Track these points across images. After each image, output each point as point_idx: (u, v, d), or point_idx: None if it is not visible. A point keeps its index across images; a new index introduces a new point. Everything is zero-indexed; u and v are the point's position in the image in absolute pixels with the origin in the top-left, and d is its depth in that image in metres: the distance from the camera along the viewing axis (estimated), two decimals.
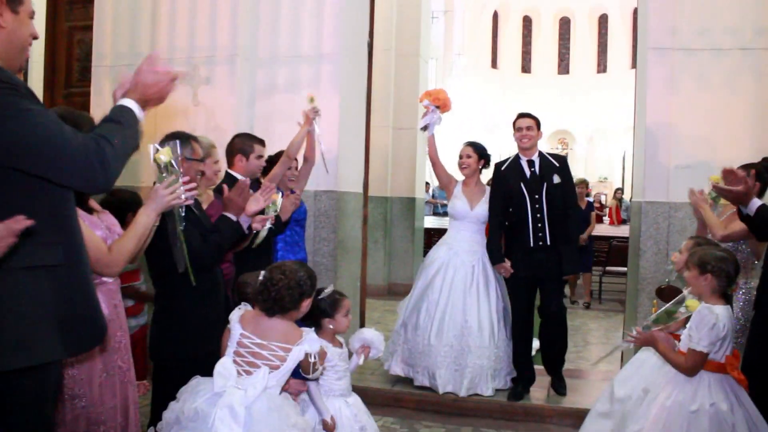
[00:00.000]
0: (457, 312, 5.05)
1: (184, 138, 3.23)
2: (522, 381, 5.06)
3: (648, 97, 4.90)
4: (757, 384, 3.64)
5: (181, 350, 3.13)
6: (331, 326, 3.35)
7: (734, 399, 3.06)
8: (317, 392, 3.22)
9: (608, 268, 9.89)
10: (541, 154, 5.12)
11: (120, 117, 2.16)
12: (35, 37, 2.18)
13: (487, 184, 5.44)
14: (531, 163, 5.07)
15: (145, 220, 2.73)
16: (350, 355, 3.55)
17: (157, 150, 2.78)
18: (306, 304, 2.98)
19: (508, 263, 5.02)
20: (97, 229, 2.77)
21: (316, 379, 3.16)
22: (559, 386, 5.14)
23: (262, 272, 2.99)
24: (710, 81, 4.78)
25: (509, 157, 5.23)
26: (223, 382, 2.73)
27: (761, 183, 3.97)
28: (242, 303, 3.09)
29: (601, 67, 28.92)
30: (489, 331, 5.05)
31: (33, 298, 1.95)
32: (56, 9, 6.88)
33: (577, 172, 24.99)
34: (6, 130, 1.88)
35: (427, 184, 12.72)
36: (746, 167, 3.96)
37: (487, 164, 5.39)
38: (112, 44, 5.94)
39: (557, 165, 5.07)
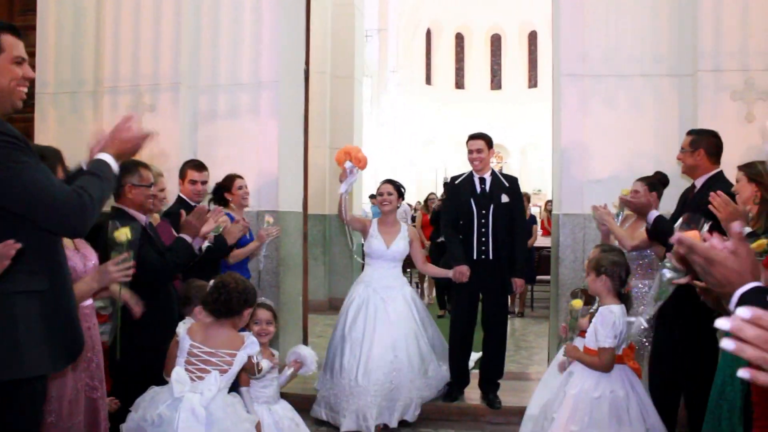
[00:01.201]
0: (385, 348, 4.93)
1: (132, 165, 3.49)
2: (456, 383, 5.26)
3: (562, 118, 5.34)
4: (660, 373, 4.13)
5: (143, 359, 3.35)
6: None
7: (629, 386, 3.48)
8: (248, 398, 3.50)
9: (538, 277, 10.34)
10: (493, 173, 5.30)
11: (98, 170, 2.39)
12: (28, 78, 2.35)
13: (440, 198, 5.71)
14: (483, 180, 5.25)
15: (86, 288, 2.87)
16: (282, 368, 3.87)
17: (117, 228, 2.98)
18: (246, 313, 3.25)
19: (466, 268, 5.10)
20: (72, 259, 2.99)
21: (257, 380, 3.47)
22: (494, 401, 5.20)
23: (212, 280, 3.27)
24: (617, 103, 5.24)
25: (464, 173, 5.41)
26: (181, 387, 2.98)
27: (657, 193, 4.48)
28: (186, 318, 3.35)
29: (532, 82, 29.71)
30: (419, 362, 5.04)
31: (24, 318, 2.18)
32: None
33: None
34: (2, 179, 2.11)
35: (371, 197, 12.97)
36: (642, 180, 4.47)
37: (402, 199, 5.44)
38: (55, 72, 6.11)
39: (507, 185, 5.25)
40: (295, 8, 6.09)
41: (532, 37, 29.59)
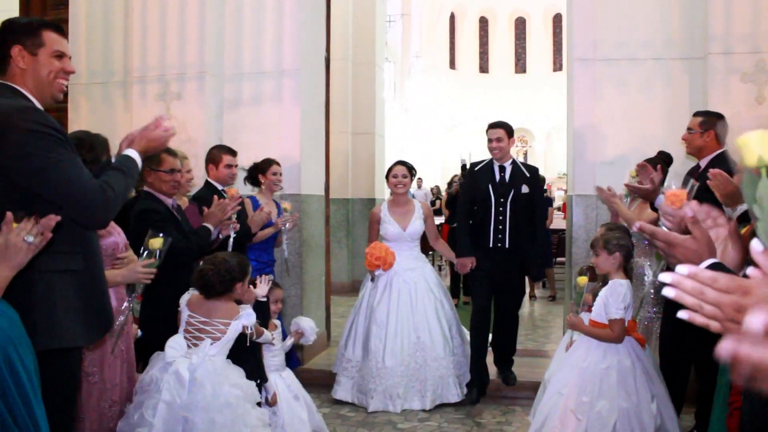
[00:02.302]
0: (408, 330, 5.04)
1: (166, 151, 3.73)
2: (477, 385, 5.16)
3: (575, 102, 5.47)
4: (670, 349, 4.30)
5: (162, 332, 3.58)
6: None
7: (635, 355, 3.67)
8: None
9: (558, 259, 10.46)
10: (514, 162, 5.27)
11: (124, 166, 2.61)
12: (69, 72, 2.58)
13: (458, 182, 5.68)
14: (502, 168, 5.22)
15: (113, 279, 3.09)
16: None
17: (154, 236, 3.22)
18: (240, 287, 3.46)
19: (470, 261, 5.19)
20: (111, 236, 3.27)
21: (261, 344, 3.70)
22: (508, 378, 5.34)
23: (201, 262, 3.52)
24: (628, 87, 5.36)
25: (485, 159, 5.38)
26: (174, 353, 3.28)
27: (662, 173, 4.62)
28: (190, 288, 3.59)
29: (557, 65, 29.59)
30: (442, 342, 5.09)
31: (62, 295, 2.42)
32: None
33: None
34: (39, 170, 2.32)
35: None
36: (649, 161, 4.61)
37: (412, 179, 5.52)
38: (87, 63, 6.37)
39: (528, 176, 5.22)
40: None
41: (557, 20, 29.47)
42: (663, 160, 4.72)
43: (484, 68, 30.85)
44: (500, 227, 5.15)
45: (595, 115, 5.41)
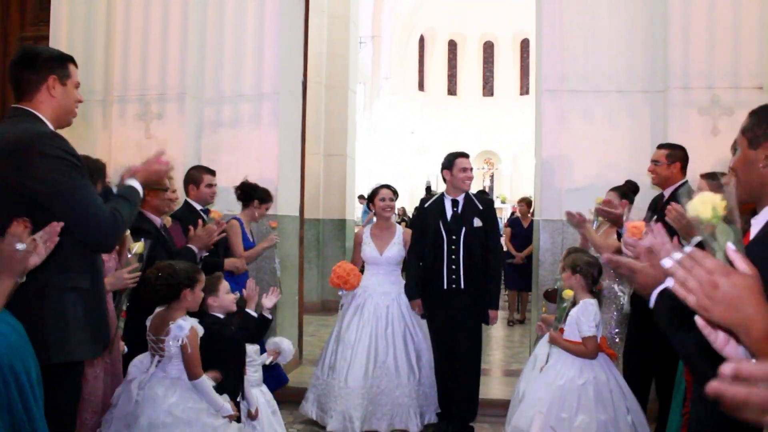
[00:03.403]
0: (373, 353, 5.00)
1: None
2: (447, 416, 5.04)
3: (543, 131, 5.72)
4: (633, 361, 4.53)
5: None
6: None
7: (608, 370, 3.89)
8: (247, 386, 3.82)
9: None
10: (467, 195, 5.03)
11: (129, 195, 2.80)
12: (80, 101, 2.80)
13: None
14: (455, 203, 5.00)
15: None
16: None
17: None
18: (188, 294, 3.43)
19: (416, 304, 5.09)
20: (111, 260, 3.41)
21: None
22: None
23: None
24: (594, 118, 5.63)
25: (434, 194, 5.28)
26: (134, 371, 3.45)
27: (628, 201, 4.87)
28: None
29: (524, 89, 30.08)
30: (407, 370, 5.01)
31: (72, 311, 2.55)
32: (6, 46, 7.30)
33: (502, 192, 25.88)
34: (58, 193, 2.46)
35: (360, 197, 13.18)
36: (614, 189, 4.86)
37: None
38: None
39: (481, 208, 4.98)
40: (294, 23, 6.48)
41: (525, 45, 29.98)
42: (630, 189, 4.97)
43: (452, 91, 31.21)
44: (453, 267, 4.92)
45: (562, 143, 5.66)
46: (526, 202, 9.88)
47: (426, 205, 5.17)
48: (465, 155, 5.09)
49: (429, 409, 5.10)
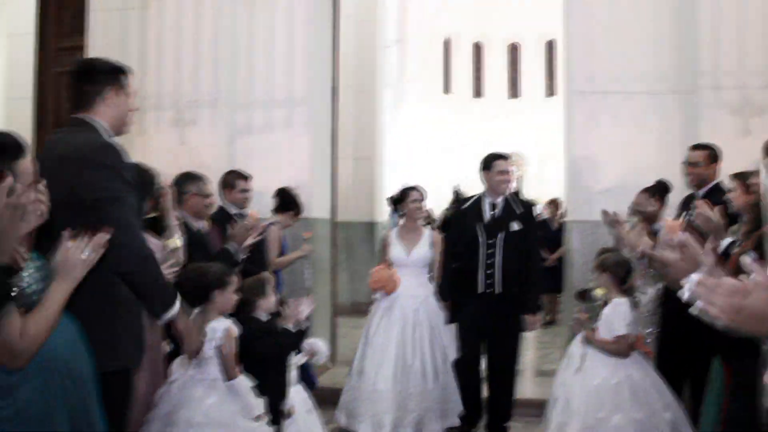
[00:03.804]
0: (401, 356, 4.97)
1: (194, 177, 4.01)
2: (469, 418, 4.99)
3: (572, 133, 5.77)
4: (665, 358, 4.51)
5: None
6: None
7: (643, 369, 3.91)
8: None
9: None
10: (506, 197, 4.93)
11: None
12: (134, 110, 2.91)
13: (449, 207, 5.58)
14: (493, 206, 4.90)
15: None
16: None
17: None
18: (219, 294, 3.46)
19: (447, 305, 5.03)
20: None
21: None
22: None
23: None
24: (623, 119, 5.65)
25: (473, 196, 5.14)
26: (175, 371, 3.51)
27: (660, 201, 4.88)
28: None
29: (550, 91, 29.94)
30: (433, 373, 4.97)
31: (121, 319, 2.64)
32: (45, 56, 7.50)
33: (529, 194, 25.80)
34: (100, 201, 2.52)
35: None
36: (646, 190, 4.87)
37: None
38: None
39: (520, 211, 4.89)
40: (323, 28, 6.60)
41: (550, 46, 29.84)
42: (661, 189, 4.98)
43: (478, 93, 31.13)
44: (489, 272, 4.79)
45: (591, 145, 5.69)
46: (554, 204, 9.84)
47: (464, 206, 5.10)
48: (503, 157, 4.99)
49: (452, 412, 5.04)
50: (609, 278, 4.03)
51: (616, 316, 3.92)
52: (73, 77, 2.79)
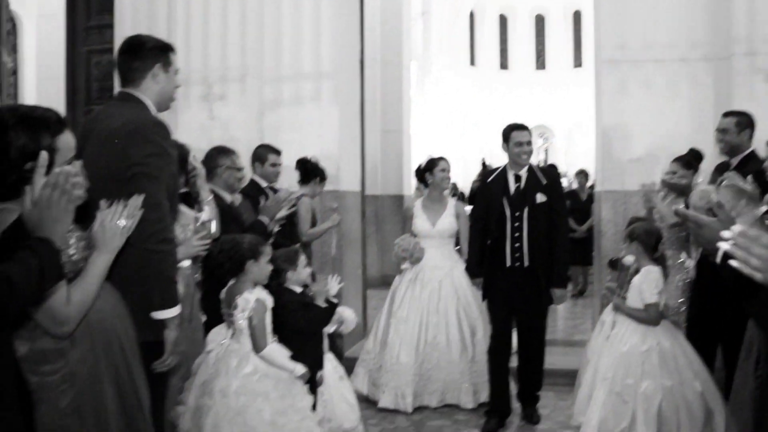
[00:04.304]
0: (425, 328, 4.96)
1: (227, 150, 4.06)
2: (497, 413, 4.76)
3: (603, 102, 5.71)
4: (697, 328, 4.50)
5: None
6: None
7: (672, 336, 3.91)
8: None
9: None
10: (530, 169, 4.77)
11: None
12: (178, 87, 2.97)
13: (477, 179, 5.53)
14: (518, 178, 4.73)
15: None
16: None
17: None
18: (252, 266, 3.51)
19: (479, 281, 4.92)
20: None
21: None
22: (533, 415, 4.86)
23: None
24: (654, 88, 5.59)
25: (497, 169, 4.99)
26: (212, 340, 3.60)
27: (693, 170, 4.83)
28: None
29: (577, 61, 29.60)
30: (459, 345, 4.95)
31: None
32: (74, 34, 7.57)
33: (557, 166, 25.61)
34: (137, 175, 2.57)
35: None
36: (678, 159, 4.82)
37: None
38: None
39: (544, 182, 4.71)
40: (350, 2, 6.59)
41: (577, 17, 29.46)
42: (694, 158, 4.93)
43: (504, 65, 30.88)
44: (517, 245, 4.66)
45: (622, 114, 5.64)
46: (584, 175, 9.80)
47: (489, 180, 4.93)
48: (522, 127, 4.80)
49: (485, 386, 4.97)
50: (639, 247, 4.02)
51: (647, 284, 3.92)
52: (123, 53, 2.87)
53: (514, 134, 4.74)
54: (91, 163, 2.40)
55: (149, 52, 2.82)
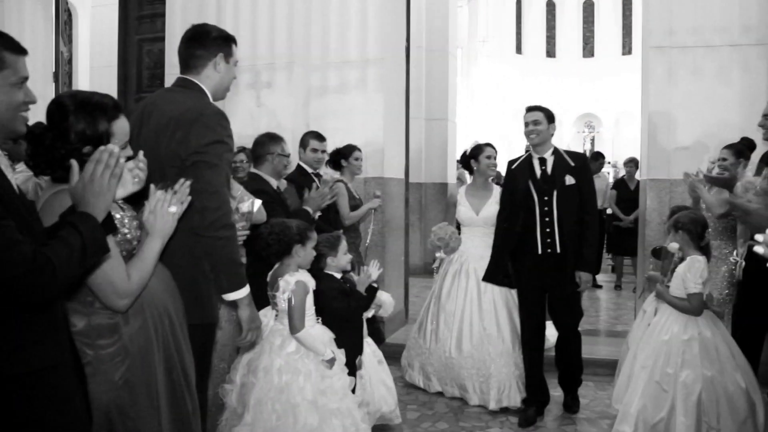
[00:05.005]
0: (475, 320, 4.90)
1: (277, 138, 4.16)
2: (534, 403, 4.68)
3: (650, 89, 5.63)
4: (744, 321, 4.50)
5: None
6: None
7: (714, 327, 3.87)
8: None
9: None
10: (556, 151, 4.60)
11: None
12: (235, 78, 3.04)
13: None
14: (543, 161, 4.58)
15: None
16: None
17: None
18: (299, 249, 3.61)
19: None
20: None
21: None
22: (572, 404, 4.79)
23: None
24: (703, 74, 5.50)
25: (522, 155, 4.85)
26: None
27: (744, 159, 4.75)
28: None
29: (626, 49, 29.08)
30: (511, 336, 4.87)
31: (208, 279, 2.75)
32: (126, 24, 7.75)
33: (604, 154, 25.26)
34: (200, 163, 2.64)
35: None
36: (729, 147, 4.75)
37: None
38: None
39: (573, 165, 4.54)
40: None
41: (626, 3, 28.94)
42: (746, 146, 4.85)
43: (551, 53, 30.49)
44: (548, 230, 4.50)
45: (669, 101, 5.57)
46: (634, 163, 9.64)
47: (513, 166, 4.77)
48: (529, 108, 4.71)
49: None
50: (685, 236, 3.98)
51: (691, 274, 3.88)
52: (187, 40, 2.94)
53: (524, 116, 4.69)
54: (148, 147, 2.51)
55: (213, 42, 2.89)
